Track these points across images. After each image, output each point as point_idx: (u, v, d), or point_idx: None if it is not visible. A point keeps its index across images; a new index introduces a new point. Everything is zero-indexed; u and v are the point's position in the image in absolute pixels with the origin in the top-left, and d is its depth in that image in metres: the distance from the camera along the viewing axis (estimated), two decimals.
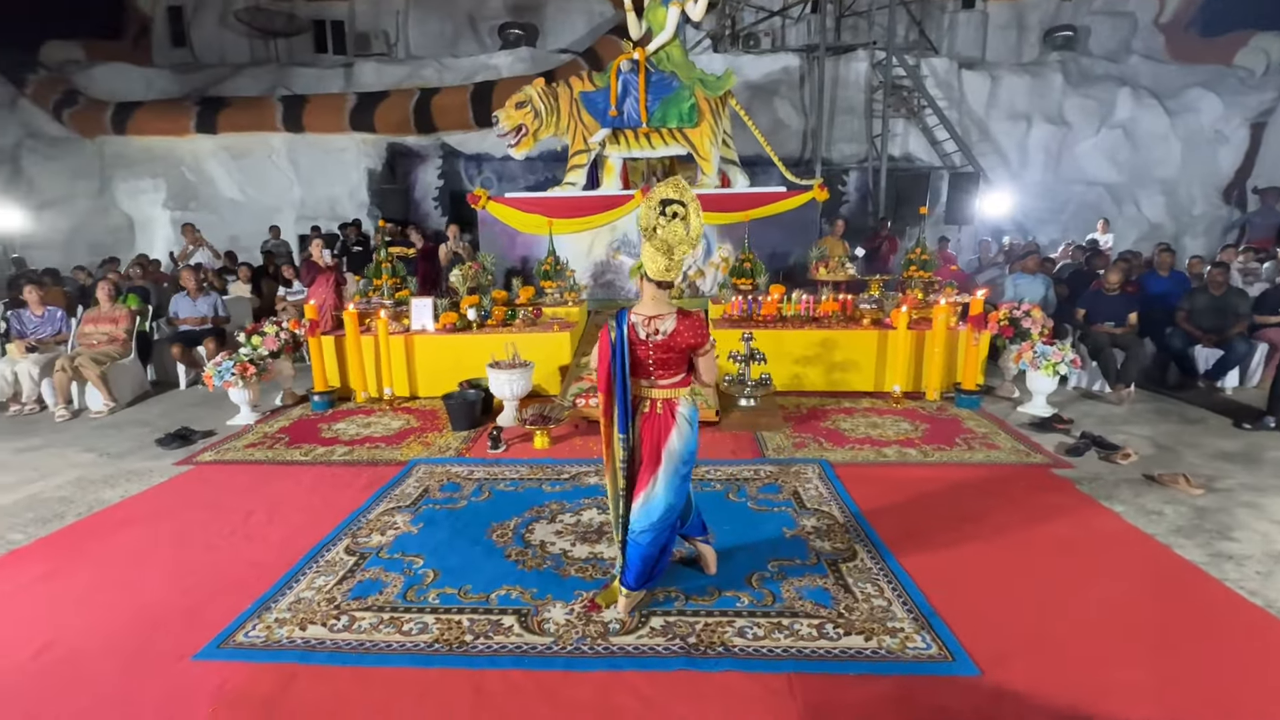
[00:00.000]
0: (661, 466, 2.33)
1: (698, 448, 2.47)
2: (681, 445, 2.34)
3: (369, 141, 11.97)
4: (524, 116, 7.16)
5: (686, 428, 2.36)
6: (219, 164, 12.02)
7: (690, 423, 2.39)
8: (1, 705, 2.02)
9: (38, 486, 3.80)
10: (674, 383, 2.37)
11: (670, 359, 2.33)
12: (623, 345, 2.33)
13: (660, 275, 2.33)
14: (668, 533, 2.41)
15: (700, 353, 2.35)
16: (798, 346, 5.33)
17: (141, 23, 13.87)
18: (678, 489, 2.37)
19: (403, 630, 2.35)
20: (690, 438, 2.39)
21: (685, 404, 2.39)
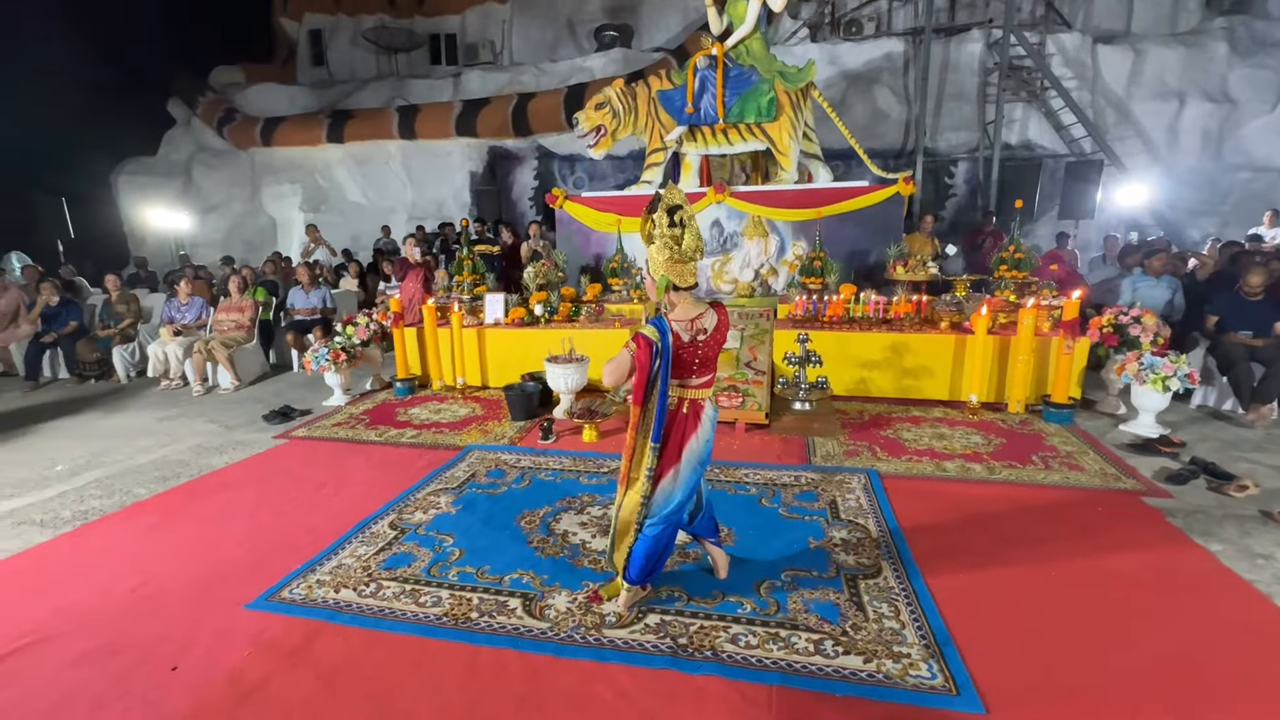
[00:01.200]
0: (681, 465, 2.35)
1: (712, 448, 2.46)
2: (700, 445, 2.37)
3: (472, 145, 12.75)
4: (602, 117, 7.32)
5: (708, 427, 2.39)
6: (345, 170, 13.34)
7: (712, 423, 2.42)
8: (96, 627, 2.43)
9: (166, 450, 4.46)
10: (705, 381, 2.39)
11: (713, 355, 2.38)
12: (667, 355, 2.29)
13: (688, 283, 2.37)
14: (671, 530, 2.42)
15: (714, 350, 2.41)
16: (865, 350, 5.06)
17: (289, 46, 15.65)
18: (690, 487, 2.39)
19: (418, 602, 2.54)
20: (709, 438, 2.41)
21: (710, 405, 2.42)
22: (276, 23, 15.52)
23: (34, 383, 6.39)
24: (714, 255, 6.97)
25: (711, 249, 6.97)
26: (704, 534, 2.65)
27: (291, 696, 2.05)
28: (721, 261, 6.95)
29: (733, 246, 6.92)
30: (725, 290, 6.96)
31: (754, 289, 6.83)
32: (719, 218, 6.92)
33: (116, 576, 2.79)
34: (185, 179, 13.81)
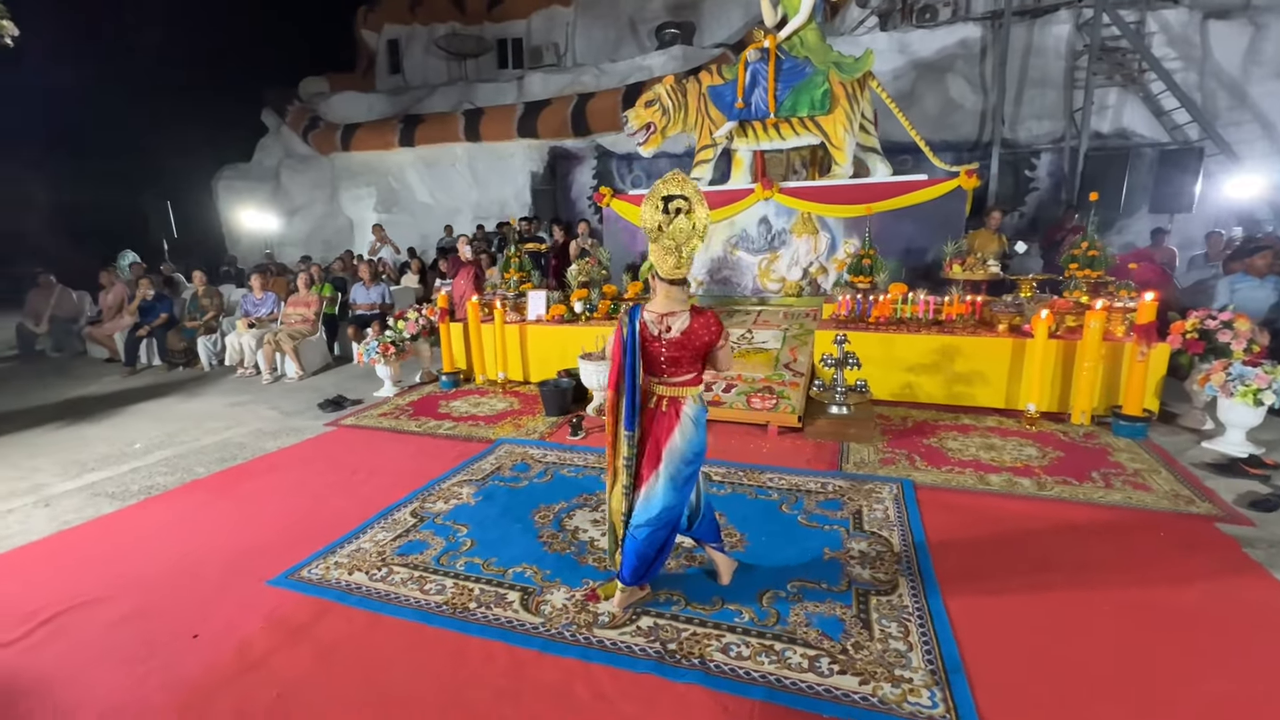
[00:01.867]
0: (662, 464, 2.30)
1: (705, 448, 2.40)
2: (684, 444, 2.30)
3: (533, 146, 13.04)
4: (652, 114, 7.29)
5: (690, 427, 2.31)
6: (415, 172, 13.96)
7: (695, 422, 2.34)
8: (139, 592, 2.64)
9: (230, 433, 4.81)
10: (683, 380, 2.33)
11: (682, 357, 2.30)
12: (633, 342, 2.32)
13: (671, 274, 2.30)
14: (665, 531, 2.36)
15: (717, 348, 2.33)
16: (912, 353, 4.78)
17: (369, 56, 16.54)
18: (679, 489, 2.33)
19: (423, 589, 2.61)
20: (695, 437, 2.33)
21: (692, 403, 2.35)
22: (359, 34, 16.44)
23: (131, 368, 7.06)
24: (761, 253, 6.79)
25: (759, 247, 6.80)
26: (705, 538, 2.58)
27: (289, 671, 2.15)
28: (769, 259, 6.77)
29: (781, 244, 6.72)
30: (772, 289, 6.77)
31: (802, 288, 6.61)
32: (767, 214, 6.74)
33: (164, 547, 3.03)
34: (275, 183, 14.87)
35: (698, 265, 7.01)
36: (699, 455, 2.36)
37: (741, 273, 6.89)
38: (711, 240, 6.97)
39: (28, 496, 3.68)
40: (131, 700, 2.02)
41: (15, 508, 3.52)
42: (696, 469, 2.38)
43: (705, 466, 3.69)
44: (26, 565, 2.91)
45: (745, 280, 6.88)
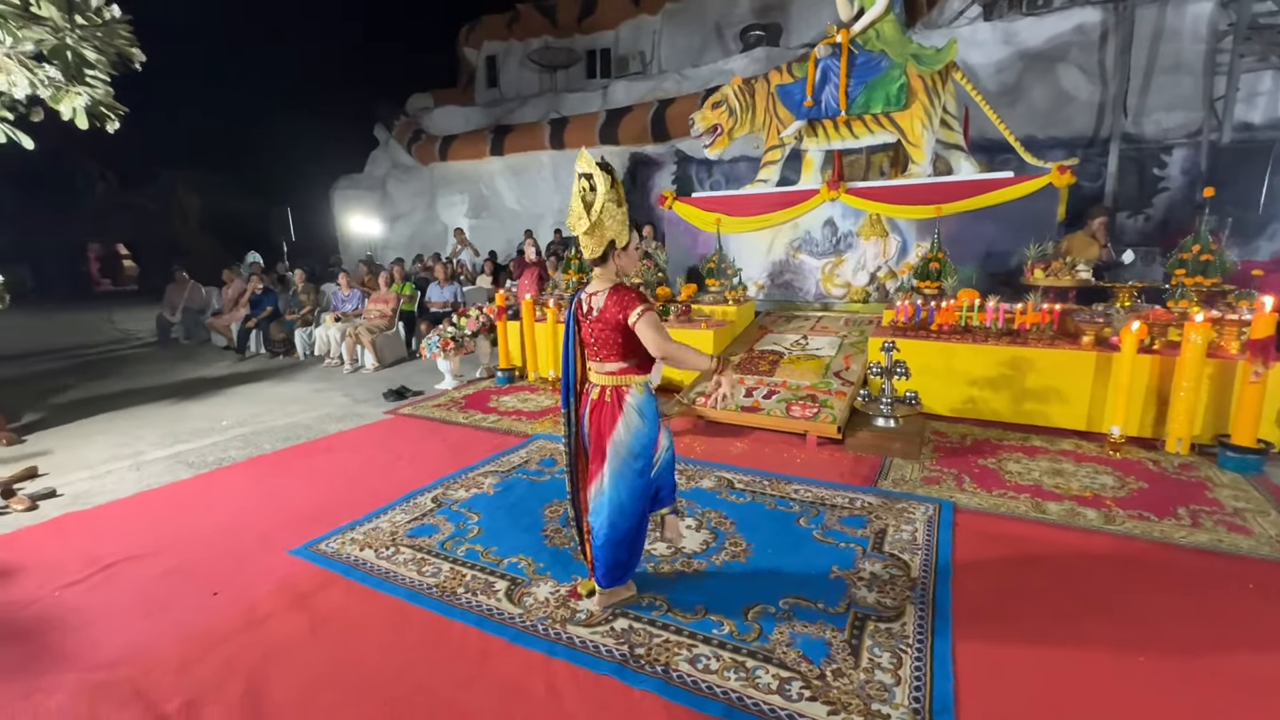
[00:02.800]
0: (607, 460, 2.24)
1: (654, 443, 2.29)
2: (629, 437, 2.22)
3: (614, 153, 13.26)
4: (719, 116, 7.20)
5: (635, 418, 2.22)
6: (504, 180, 14.64)
7: (640, 413, 2.23)
8: (183, 551, 2.92)
9: (302, 416, 5.25)
10: (620, 368, 2.23)
11: (606, 337, 2.21)
12: (570, 322, 2.32)
13: (590, 255, 2.24)
14: (624, 528, 2.28)
15: (631, 324, 2.13)
16: (977, 365, 4.37)
17: (470, 72, 17.58)
18: (629, 485, 2.24)
19: (420, 570, 2.70)
20: (641, 430, 2.23)
21: (635, 394, 2.24)
22: (461, 52, 17.52)
23: (241, 355, 7.90)
24: (826, 257, 6.49)
25: (823, 250, 6.50)
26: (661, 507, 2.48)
27: (282, 634, 2.29)
28: (833, 264, 6.45)
29: (847, 248, 6.38)
30: (836, 295, 6.45)
31: (868, 294, 6.25)
32: (833, 216, 6.43)
33: (216, 513, 3.35)
34: (382, 192, 16.15)
35: (759, 268, 6.83)
36: (648, 449, 2.26)
37: (804, 277, 6.62)
38: (773, 243, 6.77)
39: (126, 460, 4.20)
40: (143, 646, 2.23)
41: (113, 469, 4.03)
42: (647, 464, 2.27)
43: (729, 474, 3.61)
44: (106, 518, 3.32)
45: (807, 285, 6.59)
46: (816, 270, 6.52)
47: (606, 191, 2.14)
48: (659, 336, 2.12)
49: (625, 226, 2.20)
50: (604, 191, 2.14)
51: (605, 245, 2.18)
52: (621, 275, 2.26)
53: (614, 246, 2.19)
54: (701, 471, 3.75)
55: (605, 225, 2.15)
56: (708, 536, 2.96)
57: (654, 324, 2.13)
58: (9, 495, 3.47)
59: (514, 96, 16.14)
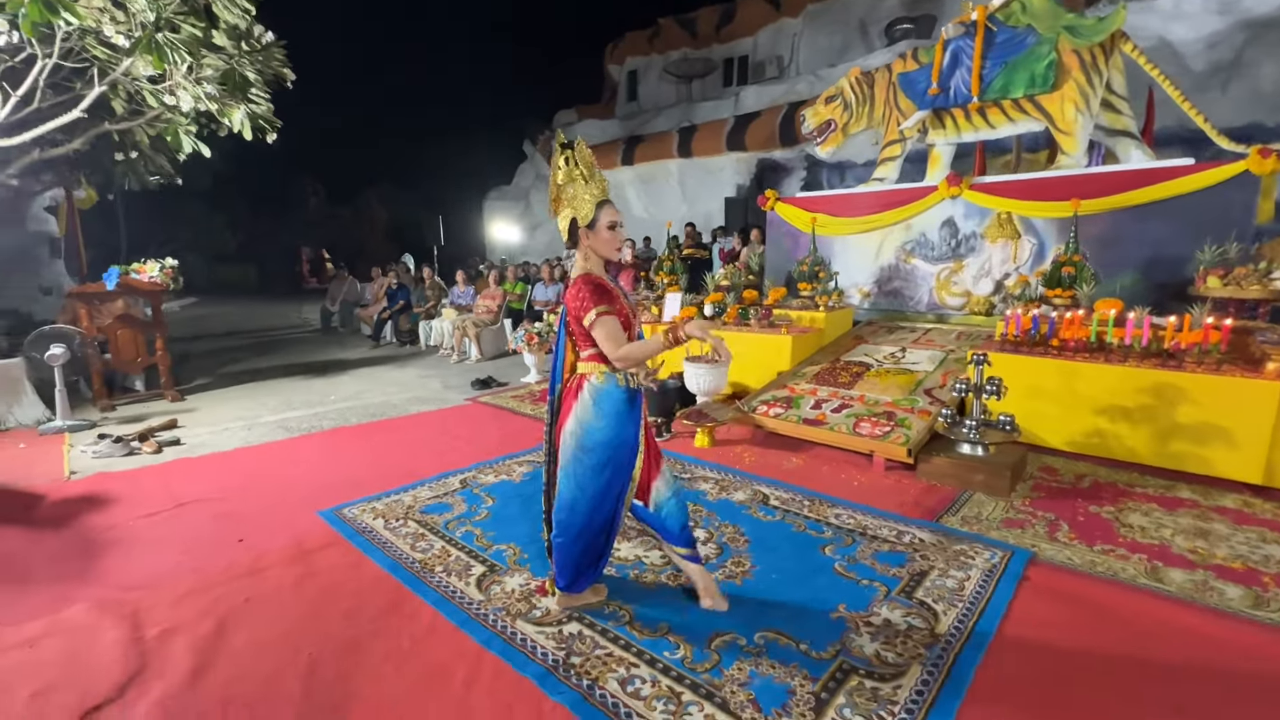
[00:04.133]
0: (560, 451, 2.09)
1: (616, 438, 2.04)
2: (577, 427, 2.03)
3: (742, 160, 13.00)
4: (832, 111, 6.70)
5: (587, 409, 2.03)
6: (633, 189, 14.98)
7: (595, 402, 2.02)
8: (239, 500, 3.25)
9: (396, 396, 5.69)
10: (589, 354, 2.05)
11: (573, 326, 2.06)
12: (562, 314, 2.16)
13: (563, 237, 2.11)
14: (574, 527, 2.09)
15: (587, 325, 1.97)
16: (1108, 390, 3.53)
17: (613, 87, 18.31)
18: (578, 482, 2.06)
19: (414, 545, 2.74)
20: (591, 424, 2.02)
21: (594, 382, 2.03)
22: (606, 70, 18.32)
23: (375, 342, 8.85)
24: (943, 262, 5.71)
25: (940, 254, 5.73)
26: (673, 542, 2.19)
27: (272, 584, 2.43)
28: (951, 269, 5.65)
29: (968, 251, 5.56)
30: (952, 305, 5.64)
31: (992, 305, 5.38)
32: (953, 216, 5.65)
33: (280, 471, 3.70)
34: (525, 202, 17.34)
35: (865, 274, 6.20)
36: (602, 446, 2.03)
37: (915, 284, 5.88)
38: (883, 246, 6.11)
39: (243, 421, 4.83)
40: (163, 576, 2.49)
41: (230, 428, 4.65)
42: (603, 462, 2.04)
43: (769, 489, 3.25)
44: (202, 467, 3.81)
45: (919, 293, 5.85)
46: (930, 277, 5.76)
47: (565, 167, 2.02)
48: (611, 345, 1.95)
49: (591, 204, 2.02)
50: (562, 166, 2.03)
51: (568, 227, 2.05)
52: (595, 259, 2.08)
53: (575, 226, 2.03)
54: (739, 483, 3.43)
55: (565, 203, 2.03)
56: (712, 551, 2.67)
57: (608, 328, 1.95)
58: (144, 439, 4.14)
59: (651, 108, 16.51)
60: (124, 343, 5.33)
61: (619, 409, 2.05)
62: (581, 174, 2.02)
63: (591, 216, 2.03)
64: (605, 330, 1.95)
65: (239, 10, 4.99)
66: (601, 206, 2.04)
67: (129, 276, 5.21)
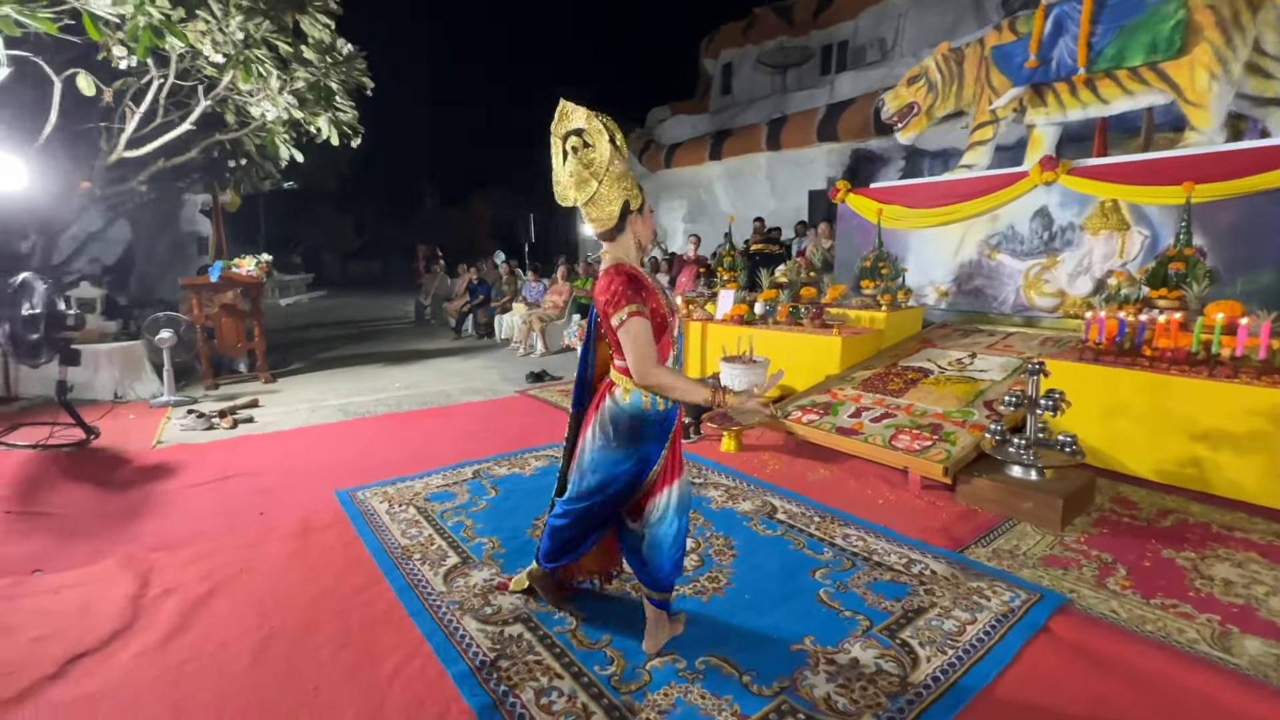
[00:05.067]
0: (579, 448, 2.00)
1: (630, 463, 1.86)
2: (587, 447, 1.93)
3: (834, 151, 12.33)
4: (914, 93, 6.16)
5: (600, 429, 1.89)
6: (720, 184, 14.69)
7: (613, 419, 1.85)
8: (279, 476, 3.52)
9: (452, 386, 5.95)
10: (620, 365, 1.85)
11: (603, 327, 1.86)
12: (592, 310, 2.02)
13: (601, 228, 1.85)
14: (558, 528, 2.05)
15: (615, 326, 1.73)
16: (1210, 411, 2.93)
17: (707, 82, 18.04)
18: (575, 490, 2.00)
19: (405, 532, 2.81)
20: (598, 448, 1.89)
21: (621, 397, 1.84)
22: (701, 64, 18.08)
23: (456, 334, 9.34)
24: (1032, 257, 5.04)
25: (1030, 249, 5.06)
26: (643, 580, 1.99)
27: (267, 557, 2.59)
28: (1042, 266, 4.97)
29: (1065, 245, 4.86)
30: (1043, 306, 4.96)
31: (1090, 307, 4.67)
32: (1048, 205, 4.96)
33: (322, 451, 3.98)
34: None
35: (943, 271, 5.63)
36: (601, 470, 1.89)
37: (1000, 283, 5.24)
38: (964, 240, 5.51)
39: (310, 403, 5.26)
40: (184, 540, 2.73)
41: (298, 409, 5.08)
42: (596, 490, 1.92)
43: (781, 500, 3.03)
44: (261, 443, 4.19)
45: (1004, 293, 5.21)
46: (1018, 274, 5.11)
47: (614, 148, 1.77)
48: (639, 354, 1.69)
49: (636, 185, 1.86)
50: (605, 149, 1.76)
51: (619, 212, 1.79)
52: (635, 249, 1.87)
53: (628, 210, 1.81)
54: (751, 492, 3.22)
55: (613, 188, 1.79)
56: (693, 563, 2.51)
57: (639, 335, 1.69)
58: (223, 416, 4.61)
59: (745, 101, 16.09)
60: (227, 329, 6.00)
61: (642, 434, 1.84)
62: (623, 153, 1.81)
63: (641, 199, 1.85)
64: (633, 336, 1.70)
65: (321, 24, 5.42)
66: (642, 188, 1.90)
67: (230, 270, 5.85)
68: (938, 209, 5.56)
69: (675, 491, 1.91)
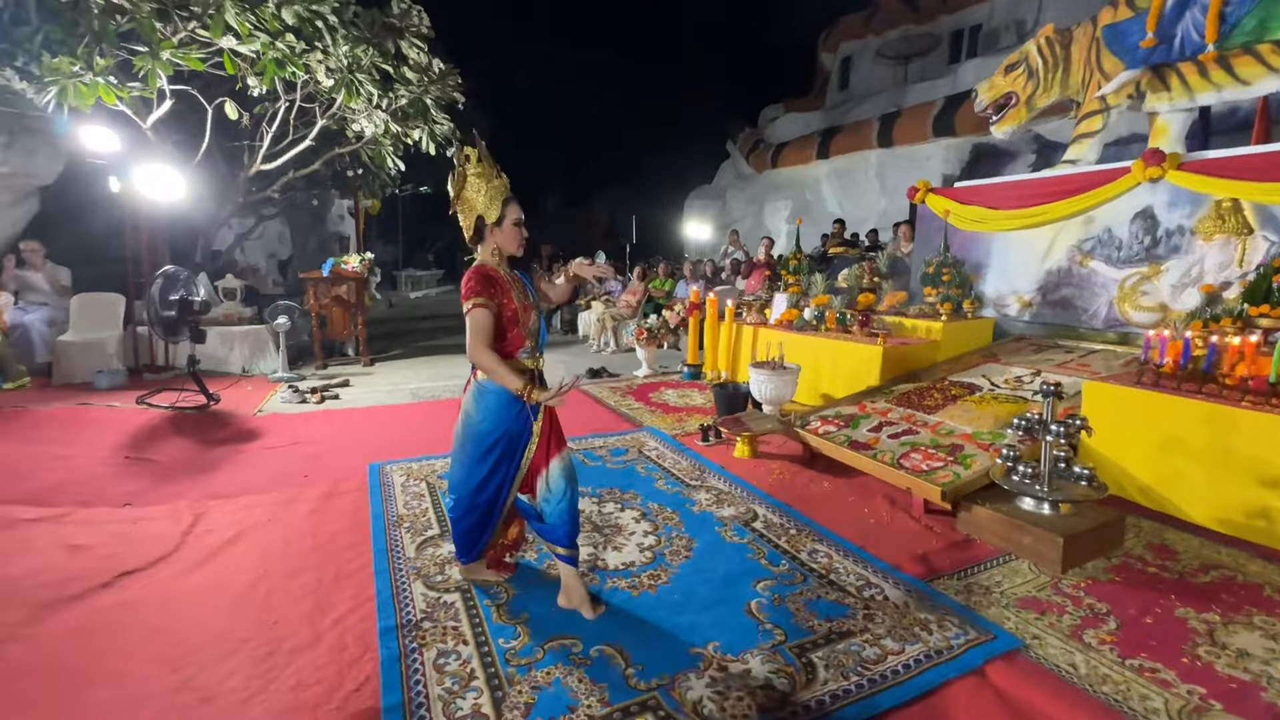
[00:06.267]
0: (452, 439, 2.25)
1: (480, 432, 2.15)
2: (464, 416, 2.20)
3: (952, 146, 11.40)
4: (1012, 83, 5.58)
5: (472, 398, 2.18)
6: (828, 184, 14.10)
7: (477, 394, 2.16)
8: (329, 444, 4.04)
9: None
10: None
11: None
12: None
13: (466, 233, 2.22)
14: (455, 505, 2.27)
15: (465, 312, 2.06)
16: None
17: (824, 77, 17.36)
18: (465, 466, 2.21)
19: (406, 503, 3.13)
20: (475, 413, 2.16)
21: (476, 380, 2.18)
22: (819, 59, 17.43)
23: None
24: (1131, 265, 4.39)
25: (1129, 255, 4.41)
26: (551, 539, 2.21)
27: (292, 512, 3.02)
28: (1142, 276, 4.31)
29: (1171, 252, 4.18)
30: (1139, 322, 4.30)
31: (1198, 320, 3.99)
32: (1151, 205, 4.30)
33: (381, 427, 4.49)
34: (722, 201, 17.47)
35: (1027, 279, 5.06)
36: (482, 437, 2.15)
37: (1091, 294, 4.62)
38: (1053, 245, 4.92)
39: (390, 386, 5.89)
40: (239, 493, 3.26)
41: (377, 390, 5.72)
42: (483, 452, 2.15)
43: (767, 510, 3.03)
44: (334, 416, 4.80)
45: (1095, 305, 4.58)
46: (1112, 284, 4.47)
47: (477, 166, 2.13)
48: (472, 338, 2.03)
49: (496, 202, 2.13)
50: (473, 168, 2.13)
51: (473, 225, 2.16)
52: (494, 253, 2.17)
53: (483, 224, 2.13)
54: (740, 499, 3.19)
55: (470, 201, 2.14)
56: (644, 558, 2.57)
57: (477, 322, 2.02)
58: (314, 393, 5.34)
59: (863, 95, 15.29)
60: (336, 318, 6.88)
61: (499, 404, 2.13)
62: (487, 174, 2.12)
63: (499, 214, 2.12)
64: (473, 322, 2.04)
65: (417, 47, 6.06)
66: (507, 204, 2.13)
67: (339, 267, 6.71)
68: (1024, 210, 5.00)
69: (558, 464, 2.18)
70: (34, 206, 6.76)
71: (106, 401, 4.88)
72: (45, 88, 4.41)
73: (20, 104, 4.94)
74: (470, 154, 2.15)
